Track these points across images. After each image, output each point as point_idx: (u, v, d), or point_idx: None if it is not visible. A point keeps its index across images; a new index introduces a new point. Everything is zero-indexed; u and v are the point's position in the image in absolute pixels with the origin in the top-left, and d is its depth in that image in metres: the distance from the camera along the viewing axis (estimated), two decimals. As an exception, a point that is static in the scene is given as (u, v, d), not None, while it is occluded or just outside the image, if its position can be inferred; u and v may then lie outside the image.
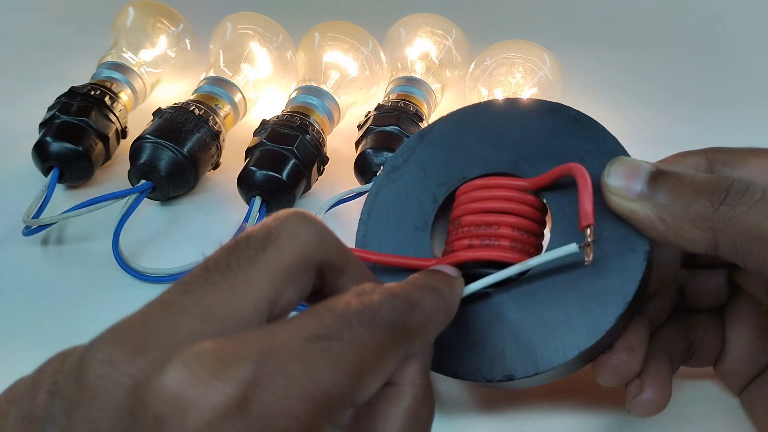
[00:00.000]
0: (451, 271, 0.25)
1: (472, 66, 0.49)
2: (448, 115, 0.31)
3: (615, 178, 0.25)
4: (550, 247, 0.26)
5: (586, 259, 0.24)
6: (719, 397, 0.32)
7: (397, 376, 0.21)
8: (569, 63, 0.49)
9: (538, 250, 0.28)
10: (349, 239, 0.34)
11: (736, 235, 0.23)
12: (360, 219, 0.30)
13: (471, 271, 0.26)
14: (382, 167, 0.31)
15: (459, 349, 0.26)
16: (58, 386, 0.17)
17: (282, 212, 0.20)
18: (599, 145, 0.27)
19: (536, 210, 0.28)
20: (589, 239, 0.24)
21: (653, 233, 0.25)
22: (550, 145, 0.28)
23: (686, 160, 0.27)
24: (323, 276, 0.21)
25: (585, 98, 0.52)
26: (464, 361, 0.26)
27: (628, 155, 0.27)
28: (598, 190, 0.25)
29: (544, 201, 0.28)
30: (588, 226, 0.24)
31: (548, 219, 0.28)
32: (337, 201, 0.40)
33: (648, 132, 0.51)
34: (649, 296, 0.28)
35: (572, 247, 0.23)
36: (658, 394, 0.27)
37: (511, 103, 0.30)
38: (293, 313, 0.20)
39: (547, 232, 0.28)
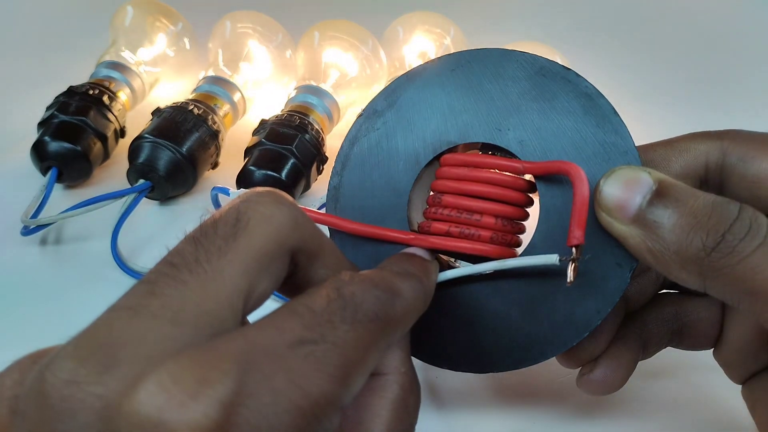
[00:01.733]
0: (425, 255, 0.24)
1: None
2: (445, 56, 0.27)
3: (610, 195, 0.23)
4: (533, 242, 0.25)
5: (568, 279, 0.22)
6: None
7: (382, 366, 0.21)
8: (568, 63, 0.49)
9: (519, 239, 0.26)
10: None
11: (725, 286, 0.21)
12: (333, 168, 0.28)
13: (446, 255, 0.26)
14: (362, 110, 0.29)
15: (437, 335, 0.26)
16: (19, 406, 0.15)
17: (251, 192, 0.19)
18: (606, 135, 0.25)
19: (524, 195, 0.26)
20: (574, 257, 0.22)
21: (640, 260, 0.23)
22: (553, 122, 0.25)
23: (698, 147, 0.25)
24: (296, 261, 0.20)
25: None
26: (433, 347, 0.26)
27: (635, 152, 0.25)
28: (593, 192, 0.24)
29: (535, 187, 0.26)
30: (576, 246, 0.22)
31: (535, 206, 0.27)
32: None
33: (649, 130, 0.51)
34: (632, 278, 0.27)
35: (553, 259, 0.22)
36: (608, 376, 0.26)
37: (522, 59, 0.26)
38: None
39: (532, 221, 0.27)
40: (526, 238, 0.26)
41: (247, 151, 0.43)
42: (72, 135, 0.42)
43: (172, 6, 0.52)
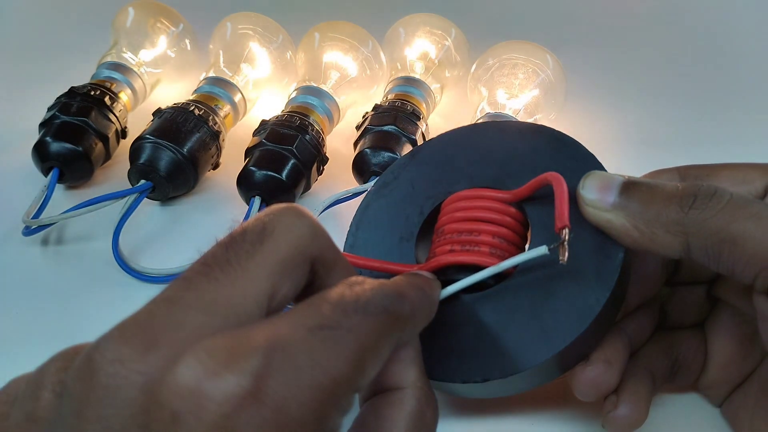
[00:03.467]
0: (428, 275, 0.26)
1: (474, 66, 0.49)
2: (438, 136, 0.33)
3: (589, 191, 0.26)
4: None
5: (561, 258, 0.24)
6: (701, 409, 0.32)
7: (400, 380, 0.22)
8: (569, 63, 0.49)
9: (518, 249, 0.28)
10: (344, 239, 0.34)
11: (706, 238, 0.24)
12: (349, 230, 0.32)
13: (451, 277, 0.27)
14: (373, 184, 0.33)
15: (437, 351, 0.27)
16: (66, 386, 0.17)
17: (275, 207, 0.21)
18: (578, 162, 0.28)
19: (517, 221, 0.29)
20: (564, 239, 0.24)
21: (628, 241, 0.25)
22: (532, 162, 0.29)
23: (660, 176, 0.28)
24: (315, 271, 0.21)
25: (585, 99, 0.52)
26: (441, 363, 0.27)
27: (605, 170, 0.28)
28: (575, 202, 0.26)
29: (526, 213, 0.29)
30: (563, 227, 0.24)
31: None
32: (333, 201, 0.40)
33: (649, 133, 0.51)
34: (630, 313, 0.29)
35: (542, 249, 0.24)
36: (633, 411, 0.27)
37: (499, 126, 0.32)
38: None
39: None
40: None
41: (248, 152, 0.43)
42: (73, 136, 0.42)
43: (173, 7, 0.52)
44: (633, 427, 0.28)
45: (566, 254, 0.24)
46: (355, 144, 0.44)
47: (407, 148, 0.43)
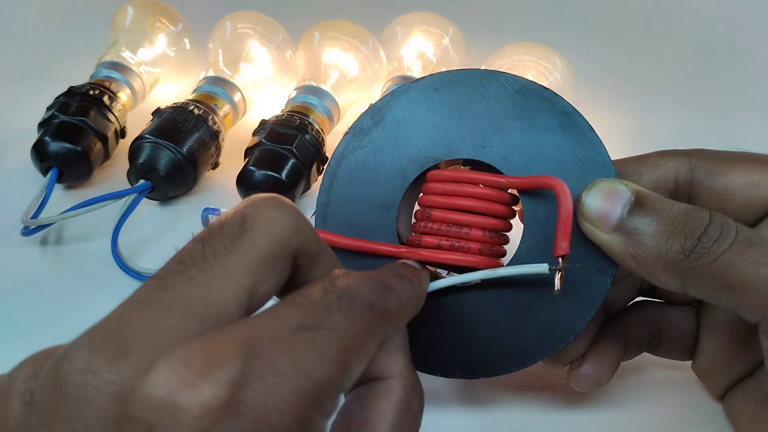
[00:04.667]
0: (416, 264, 0.25)
1: (483, 67, 0.49)
2: (428, 77, 0.28)
3: (592, 205, 0.24)
4: (518, 253, 0.27)
5: (556, 288, 0.24)
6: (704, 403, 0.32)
7: (386, 370, 0.22)
8: (567, 62, 0.49)
9: (504, 250, 0.28)
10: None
11: (705, 283, 0.23)
12: (321, 185, 0.29)
13: (438, 271, 0.27)
14: (348, 128, 0.29)
15: (429, 344, 0.27)
16: (35, 396, 0.16)
17: (256, 197, 0.20)
18: (584, 150, 0.26)
19: (508, 209, 0.27)
20: (560, 267, 0.24)
21: (624, 265, 0.25)
22: (534, 139, 0.27)
23: (668, 163, 0.27)
24: (297, 264, 0.20)
25: (589, 99, 0.52)
26: (419, 353, 0.26)
27: (612, 165, 0.26)
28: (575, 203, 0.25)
29: (518, 200, 0.28)
30: (563, 256, 0.24)
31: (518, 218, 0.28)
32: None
33: (657, 134, 0.51)
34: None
35: (543, 268, 0.23)
36: (596, 371, 0.28)
37: (503, 79, 0.28)
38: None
39: (516, 231, 0.28)
40: (510, 248, 0.28)
41: (248, 152, 0.43)
42: (72, 135, 0.42)
43: (173, 6, 0.52)
44: (595, 385, 0.28)
45: (561, 284, 0.23)
46: (355, 143, 0.44)
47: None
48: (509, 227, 0.28)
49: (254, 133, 0.44)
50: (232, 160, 0.45)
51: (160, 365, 0.15)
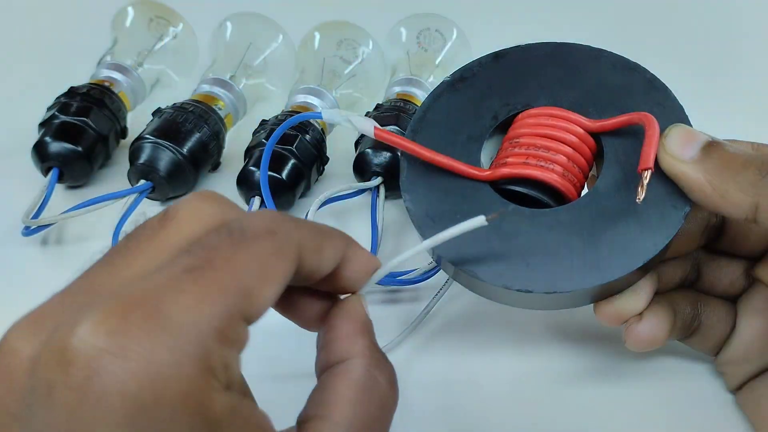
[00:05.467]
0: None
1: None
2: (527, 44, 0.32)
3: (672, 141, 0.26)
4: (596, 187, 0.28)
5: (638, 197, 0.25)
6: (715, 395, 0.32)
7: (346, 353, 0.22)
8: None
9: (583, 182, 0.29)
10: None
11: None
12: (414, 116, 0.31)
13: (515, 187, 0.28)
14: (449, 75, 0.32)
15: (486, 253, 0.27)
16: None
17: (184, 197, 0.20)
18: (666, 110, 0.29)
19: (590, 153, 0.29)
20: (645, 181, 0.25)
21: (699, 195, 0.26)
22: (620, 99, 0.29)
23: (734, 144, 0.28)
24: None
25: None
26: (488, 265, 0.27)
27: (690, 124, 0.28)
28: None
29: (601, 144, 0.29)
30: (647, 169, 0.25)
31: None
32: (327, 199, 0.40)
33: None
34: (663, 261, 0.29)
35: (480, 220, 0.24)
36: (653, 328, 0.28)
37: (592, 52, 0.31)
38: None
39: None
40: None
41: (248, 152, 0.43)
42: (73, 135, 0.42)
43: (173, 7, 0.52)
44: (651, 343, 0.29)
45: (643, 195, 0.25)
46: (356, 144, 0.44)
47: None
48: (588, 168, 0.29)
49: (254, 133, 0.44)
50: (232, 161, 0.45)
51: (57, 331, 0.16)
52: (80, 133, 0.43)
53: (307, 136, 0.42)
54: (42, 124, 0.43)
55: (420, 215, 0.29)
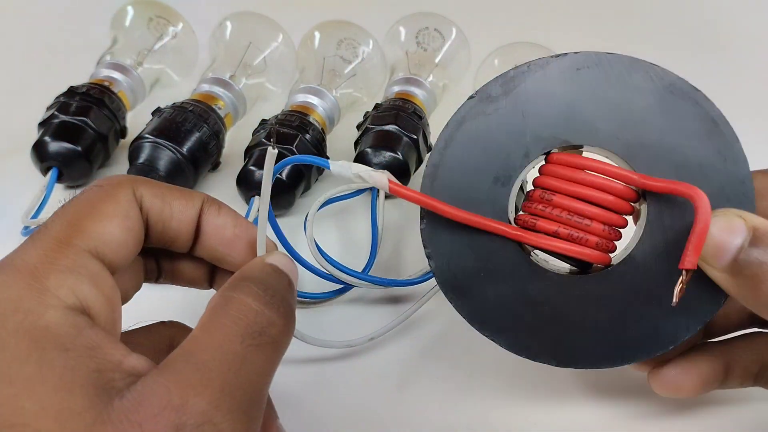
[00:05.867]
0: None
1: (479, 66, 0.49)
2: (571, 54, 0.26)
3: (710, 243, 0.23)
4: (633, 254, 0.26)
5: (674, 300, 0.23)
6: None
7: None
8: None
9: (615, 246, 0.26)
10: (344, 238, 0.33)
11: None
12: (435, 145, 0.27)
13: (543, 251, 0.26)
14: (474, 92, 0.27)
15: (521, 326, 0.26)
16: None
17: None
18: (727, 164, 0.25)
19: (631, 207, 0.26)
20: (682, 286, 0.23)
21: (734, 298, 0.24)
22: (673, 141, 0.25)
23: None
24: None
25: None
26: (512, 334, 0.26)
27: (751, 183, 0.25)
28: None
29: (643, 200, 0.26)
30: (689, 270, 0.23)
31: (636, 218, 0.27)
32: (327, 200, 0.40)
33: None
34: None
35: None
36: (679, 375, 0.27)
37: (652, 72, 0.26)
38: None
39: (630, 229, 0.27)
40: (621, 244, 0.27)
41: (248, 151, 0.43)
42: (72, 135, 0.42)
43: (173, 6, 0.52)
44: (675, 391, 0.27)
45: (679, 297, 0.23)
46: (356, 143, 0.44)
47: (408, 148, 0.43)
48: (626, 224, 0.26)
49: (254, 133, 0.44)
50: (232, 160, 0.45)
51: None
52: (80, 133, 0.43)
53: (308, 136, 0.42)
54: (41, 124, 0.43)
55: (443, 270, 0.27)
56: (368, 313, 0.37)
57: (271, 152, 0.23)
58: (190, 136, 0.42)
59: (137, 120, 0.45)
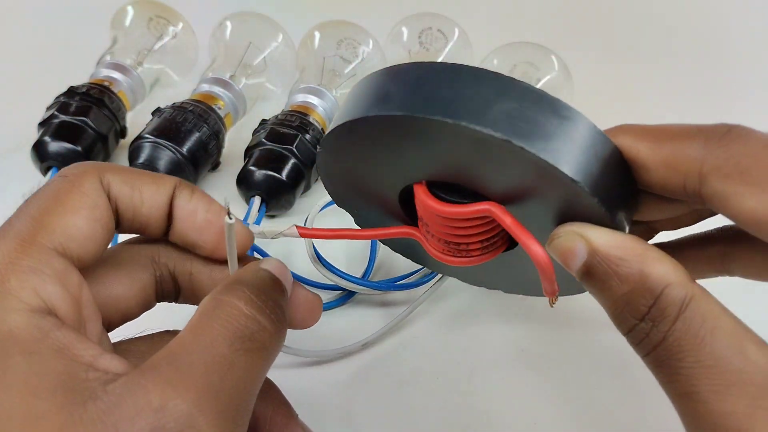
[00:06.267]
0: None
1: (480, 66, 0.49)
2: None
3: (554, 255, 0.22)
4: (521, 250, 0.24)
5: (550, 305, 0.23)
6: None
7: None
8: (574, 65, 0.49)
9: (507, 237, 0.26)
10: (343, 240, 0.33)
11: (658, 368, 0.20)
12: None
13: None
14: (319, 145, 0.25)
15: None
16: None
17: None
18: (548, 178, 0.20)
19: (499, 228, 0.25)
20: (552, 300, 0.22)
21: None
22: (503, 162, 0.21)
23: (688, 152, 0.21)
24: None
25: (589, 99, 0.52)
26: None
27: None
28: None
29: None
30: (552, 295, 0.22)
31: None
32: (328, 202, 0.40)
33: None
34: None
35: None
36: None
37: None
38: None
39: None
40: None
41: (248, 151, 0.43)
42: (72, 135, 0.42)
43: (173, 6, 0.52)
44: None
45: (552, 304, 0.22)
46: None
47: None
48: (502, 228, 0.24)
49: (254, 133, 0.44)
50: (232, 160, 0.45)
51: None
52: (80, 133, 0.42)
53: (307, 136, 0.42)
54: (41, 124, 0.43)
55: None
56: (365, 316, 0.37)
57: (229, 223, 0.22)
58: (190, 136, 0.42)
59: (137, 120, 0.45)
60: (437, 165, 0.23)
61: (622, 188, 0.21)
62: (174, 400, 0.16)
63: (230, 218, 0.22)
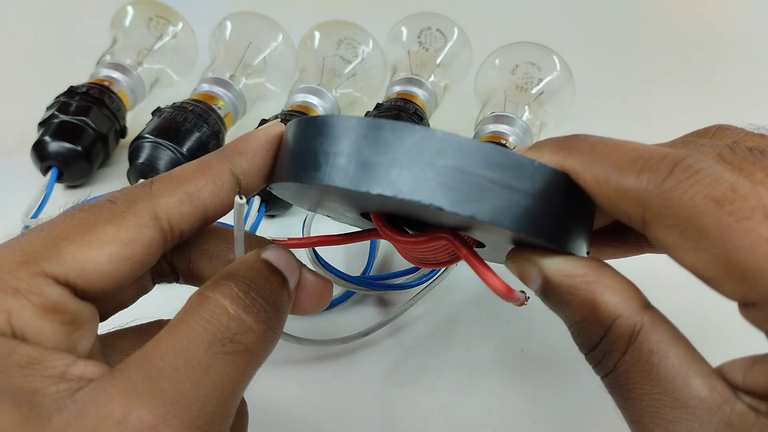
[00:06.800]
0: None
1: (480, 66, 0.49)
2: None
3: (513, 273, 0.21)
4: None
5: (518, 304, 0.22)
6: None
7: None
8: (575, 65, 0.49)
9: (473, 239, 0.25)
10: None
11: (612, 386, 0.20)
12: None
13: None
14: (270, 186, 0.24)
15: None
16: None
17: None
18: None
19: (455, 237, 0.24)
20: (523, 300, 0.21)
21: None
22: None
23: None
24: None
25: (588, 99, 0.52)
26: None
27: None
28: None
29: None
30: (521, 303, 0.21)
31: None
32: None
33: (644, 129, 0.51)
34: None
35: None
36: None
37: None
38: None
39: None
40: None
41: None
42: (72, 135, 0.42)
43: (173, 6, 0.52)
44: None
45: (521, 304, 0.21)
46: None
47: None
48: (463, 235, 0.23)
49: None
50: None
51: None
52: (80, 133, 0.43)
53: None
54: (41, 124, 0.43)
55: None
56: (362, 314, 0.37)
57: (239, 203, 0.20)
58: (190, 136, 0.42)
59: (137, 120, 0.45)
60: (383, 209, 0.22)
61: (576, 214, 0.20)
62: (138, 410, 0.15)
63: (240, 198, 0.20)
